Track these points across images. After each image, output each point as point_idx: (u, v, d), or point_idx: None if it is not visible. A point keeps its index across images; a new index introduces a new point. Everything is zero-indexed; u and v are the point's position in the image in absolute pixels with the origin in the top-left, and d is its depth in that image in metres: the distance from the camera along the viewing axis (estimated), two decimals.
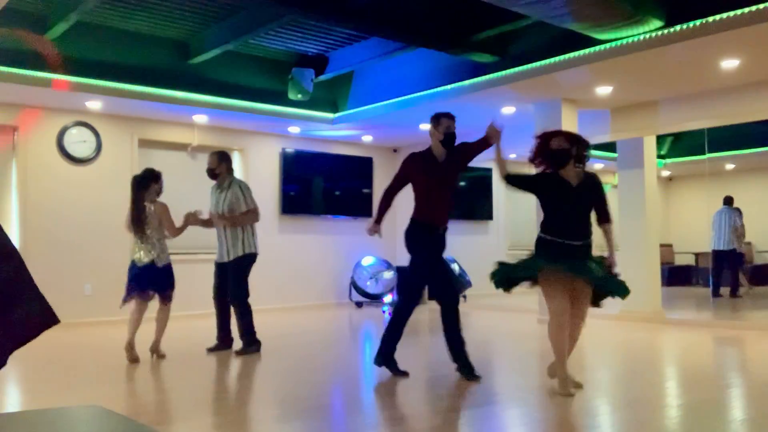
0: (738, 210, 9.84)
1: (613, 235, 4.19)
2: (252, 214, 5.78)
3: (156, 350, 5.49)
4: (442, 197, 4.67)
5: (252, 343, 5.69)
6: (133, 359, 5.26)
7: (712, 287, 9.81)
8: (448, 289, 4.69)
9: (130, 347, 5.29)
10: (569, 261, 3.92)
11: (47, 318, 1.67)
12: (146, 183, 5.52)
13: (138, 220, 5.42)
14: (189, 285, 8.13)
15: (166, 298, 5.52)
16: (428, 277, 4.76)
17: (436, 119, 4.72)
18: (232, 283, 5.73)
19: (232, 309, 5.80)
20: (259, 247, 5.91)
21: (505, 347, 5.95)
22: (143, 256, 5.41)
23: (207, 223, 5.90)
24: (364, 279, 9.92)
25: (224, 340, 5.92)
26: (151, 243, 5.43)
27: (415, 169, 4.71)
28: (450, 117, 4.71)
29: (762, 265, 10.89)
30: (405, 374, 4.62)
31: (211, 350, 5.87)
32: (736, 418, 3.62)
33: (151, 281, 5.42)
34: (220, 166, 5.84)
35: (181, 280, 5.98)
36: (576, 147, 4.06)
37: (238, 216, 5.73)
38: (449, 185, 4.73)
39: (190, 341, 6.28)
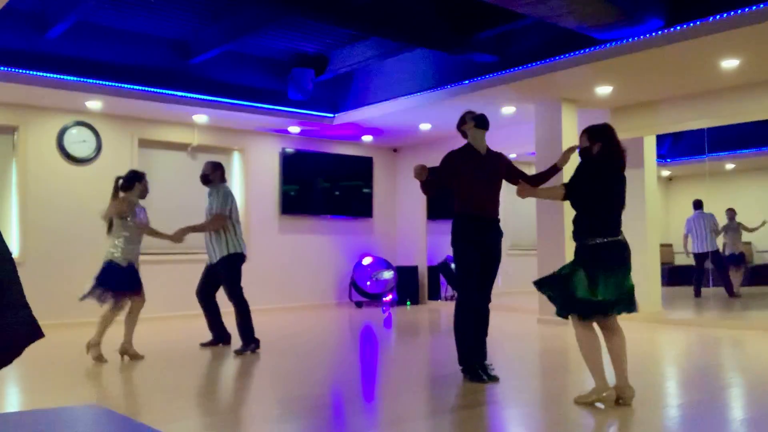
0: (711, 214, 9.93)
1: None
2: (212, 221, 5.78)
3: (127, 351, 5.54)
4: (488, 189, 4.51)
5: (250, 342, 5.70)
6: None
7: (695, 289, 9.90)
8: (486, 289, 4.50)
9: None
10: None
11: (33, 330, 1.66)
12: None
13: None
14: (189, 285, 8.14)
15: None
16: (476, 269, 4.42)
17: (462, 119, 4.61)
18: (225, 283, 5.82)
19: (222, 307, 5.92)
20: (246, 249, 5.95)
21: (505, 347, 5.95)
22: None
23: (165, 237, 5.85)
24: (364, 279, 9.92)
25: (219, 335, 6.03)
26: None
27: (458, 163, 4.51)
28: (472, 112, 4.62)
29: (762, 265, 10.88)
30: (494, 379, 4.40)
31: (204, 345, 6.00)
32: (736, 418, 3.62)
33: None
34: (214, 173, 6.00)
35: (181, 280, 6.03)
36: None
37: (201, 224, 5.85)
38: (495, 177, 4.55)
39: (190, 341, 6.28)
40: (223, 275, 5.80)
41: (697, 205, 9.99)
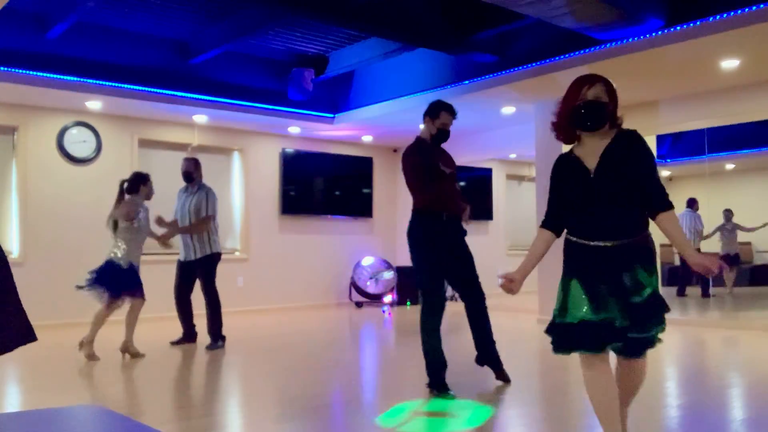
0: (698, 215, 9.93)
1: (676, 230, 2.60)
2: (203, 223, 6.03)
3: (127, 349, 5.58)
4: (447, 184, 4.21)
5: (220, 338, 5.99)
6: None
7: (678, 288, 9.93)
8: (471, 286, 4.27)
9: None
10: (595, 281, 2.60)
11: (25, 333, 1.66)
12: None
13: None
14: None
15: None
16: (438, 273, 4.12)
17: (435, 112, 4.26)
18: (204, 279, 6.04)
19: (197, 304, 6.14)
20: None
21: (505, 347, 5.95)
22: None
23: (161, 237, 6.04)
24: (364, 279, 9.92)
25: (190, 334, 6.20)
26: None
27: (424, 155, 4.21)
28: (451, 112, 4.27)
29: (762, 265, 10.88)
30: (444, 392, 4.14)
31: (175, 343, 6.13)
32: (736, 418, 3.61)
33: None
34: (197, 171, 6.21)
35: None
36: (614, 104, 2.76)
37: (190, 226, 6.04)
38: (454, 173, 4.28)
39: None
40: (204, 271, 6.05)
41: (689, 203, 9.91)
